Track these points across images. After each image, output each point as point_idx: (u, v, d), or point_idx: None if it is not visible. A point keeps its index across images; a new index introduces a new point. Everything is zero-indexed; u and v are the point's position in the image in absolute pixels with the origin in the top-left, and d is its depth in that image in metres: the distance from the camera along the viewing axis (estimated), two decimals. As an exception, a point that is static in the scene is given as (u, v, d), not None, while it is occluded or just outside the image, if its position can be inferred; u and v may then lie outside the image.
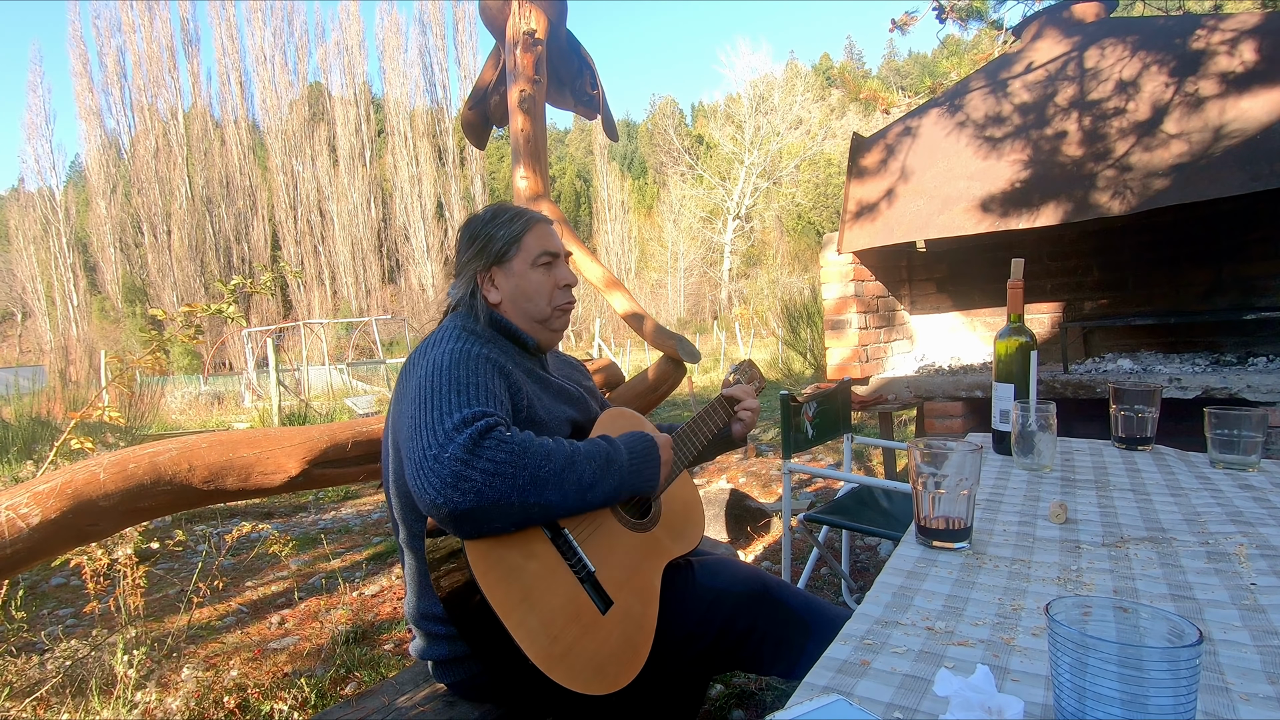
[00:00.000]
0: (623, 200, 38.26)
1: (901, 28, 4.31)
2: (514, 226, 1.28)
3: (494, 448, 0.96)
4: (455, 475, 0.93)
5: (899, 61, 49.76)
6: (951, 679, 0.57)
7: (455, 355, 1.10)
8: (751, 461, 4.84)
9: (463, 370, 1.07)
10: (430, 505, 0.94)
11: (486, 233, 1.28)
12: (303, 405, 9.78)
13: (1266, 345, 2.89)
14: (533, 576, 1.00)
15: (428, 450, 0.96)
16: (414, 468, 0.96)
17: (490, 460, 0.95)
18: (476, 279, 1.28)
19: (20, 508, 1.24)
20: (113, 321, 31.38)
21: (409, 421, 1.02)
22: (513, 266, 1.28)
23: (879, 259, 3.62)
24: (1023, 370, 1.35)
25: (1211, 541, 0.89)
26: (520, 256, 1.28)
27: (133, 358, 2.44)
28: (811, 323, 9.78)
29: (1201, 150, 2.51)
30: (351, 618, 2.61)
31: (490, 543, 0.99)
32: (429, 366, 1.09)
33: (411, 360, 1.16)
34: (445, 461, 0.94)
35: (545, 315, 1.30)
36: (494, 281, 1.28)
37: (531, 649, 0.95)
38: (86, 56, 31.36)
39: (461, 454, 0.94)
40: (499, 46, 2.64)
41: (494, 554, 0.98)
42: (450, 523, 0.95)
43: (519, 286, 1.28)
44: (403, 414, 1.06)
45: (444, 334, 1.18)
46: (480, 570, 0.96)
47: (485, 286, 1.28)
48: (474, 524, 0.96)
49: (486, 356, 1.12)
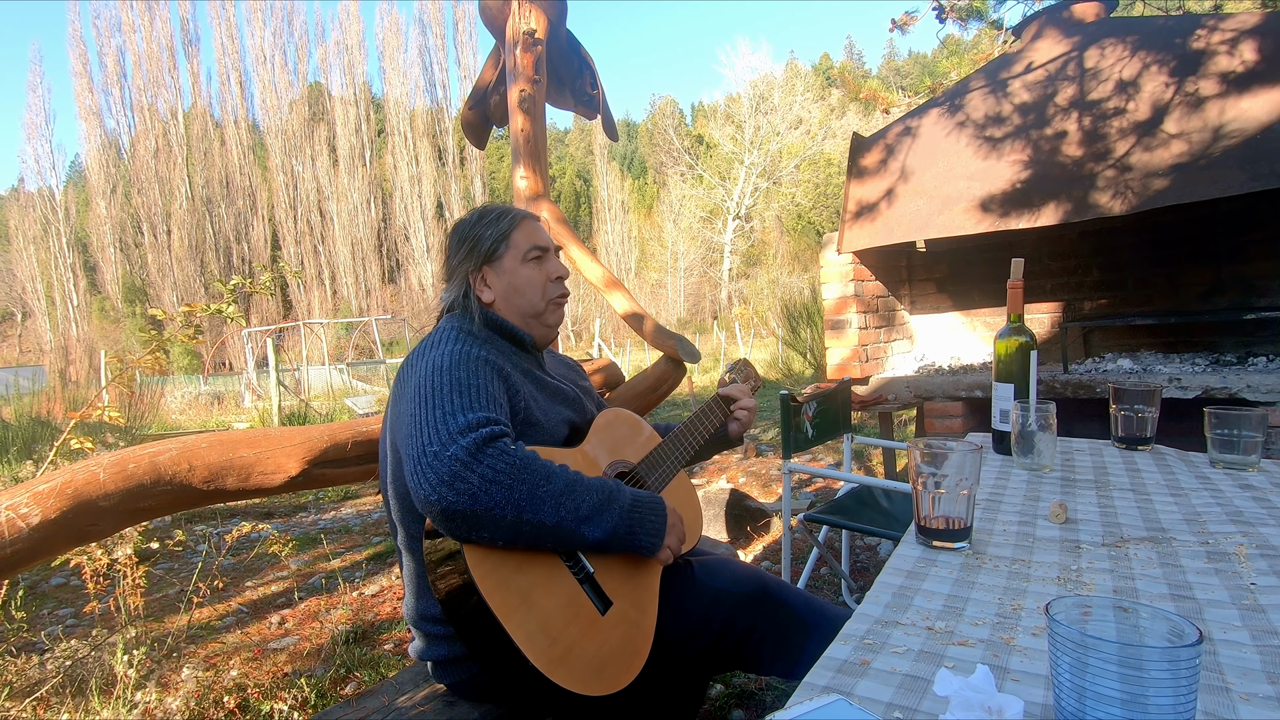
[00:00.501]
0: (623, 200, 38.26)
1: (901, 28, 4.31)
2: (501, 225, 1.29)
3: (496, 456, 0.96)
4: (453, 474, 0.94)
5: (899, 61, 49.75)
6: (951, 679, 0.57)
7: (455, 357, 1.10)
8: (751, 461, 4.84)
9: (463, 372, 1.07)
10: (424, 501, 0.95)
11: (474, 234, 1.29)
12: (303, 405, 9.78)
13: (1266, 345, 2.89)
14: (532, 578, 1.00)
15: (428, 446, 0.96)
16: (413, 463, 0.97)
17: (490, 468, 0.95)
18: (469, 280, 1.28)
19: (20, 508, 1.24)
20: (113, 321, 31.39)
21: (408, 420, 1.02)
22: (503, 264, 1.28)
23: (879, 259, 3.62)
24: (1023, 370, 1.35)
25: (1211, 541, 0.89)
26: (510, 253, 1.28)
27: (133, 358, 2.44)
28: (811, 323, 9.78)
29: (1201, 150, 2.51)
30: (351, 618, 2.61)
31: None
32: (429, 367, 1.08)
33: (409, 362, 1.16)
34: (445, 460, 0.94)
35: (539, 310, 1.30)
36: (486, 281, 1.29)
37: (531, 650, 0.95)
38: (86, 56, 31.42)
39: (463, 455, 0.95)
40: (499, 46, 2.64)
41: (493, 556, 0.98)
42: (441, 520, 0.96)
43: (511, 283, 1.28)
44: (401, 414, 1.06)
45: (441, 336, 1.18)
46: (479, 573, 0.96)
47: (478, 286, 1.29)
48: (465, 526, 0.96)
49: (485, 359, 1.12)
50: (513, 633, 0.94)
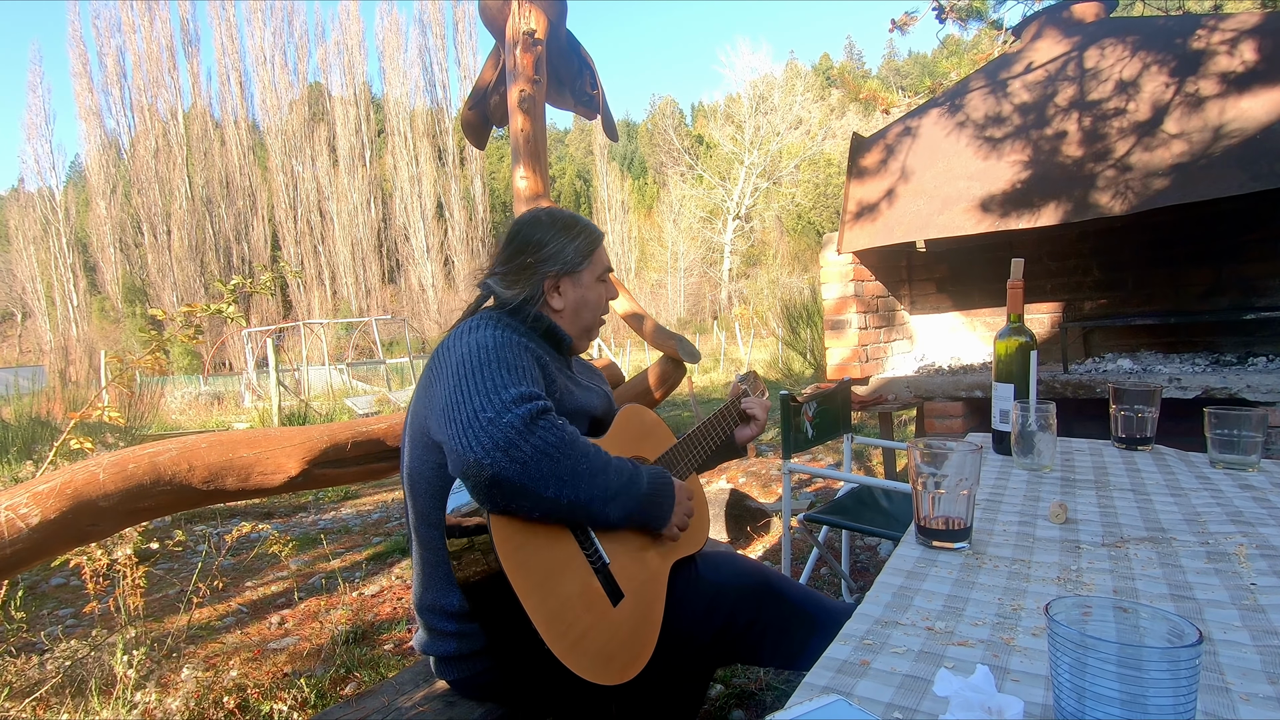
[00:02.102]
0: (623, 200, 38.27)
1: (901, 28, 4.31)
2: (589, 240, 1.32)
3: (548, 429, 0.98)
4: (509, 441, 0.94)
5: (899, 61, 49.75)
6: (951, 679, 0.57)
7: (499, 339, 1.10)
8: (751, 461, 4.84)
9: (509, 353, 1.08)
10: (474, 464, 0.94)
11: (560, 241, 1.29)
12: (303, 405, 9.78)
13: (1266, 345, 2.89)
14: (551, 563, 1.02)
15: (482, 412, 0.97)
16: (460, 428, 0.96)
17: (543, 439, 0.97)
18: (544, 285, 1.28)
19: (20, 508, 1.24)
20: (113, 321, 31.39)
21: (452, 389, 1.02)
22: (582, 278, 1.31)
23: (879, 259, 3.62)
24: (1023, 370, 1.35)
25: (1211, 541, 0.89)
26: (589, 270, 1.32)
27: (132, 358, 2.44)
28: (811, 323, 9.78)
29: (1201, 150, 2.51)
30: (351, 618, 2.61)
31: (513, 524, 1.00)
32: (473, 344, 1.09)
33: (446, 345, 1.14)
34: (502, 426, 0.95)
35: (592, 325, 1.36)
36: (560, 290, 1.30)
37: (548, 633, 0.96)
38: (86, 56, 31.42)
39: (519, 424, 0.96)
40: (499, 46, 2.64)
41: (516, 537, 1.00)
42: (485, 486, 0.95)
43: (584, 297, 1.32)
44: (438, 392, 1.06)
45: (481, 321, 1.17)
46: (504, 552, 0.97)
47: (550, 293, 1.29)
48: (507, 495, 0.96)
49: (526, 345, 1.14)
50: (531, 613, 0.95)
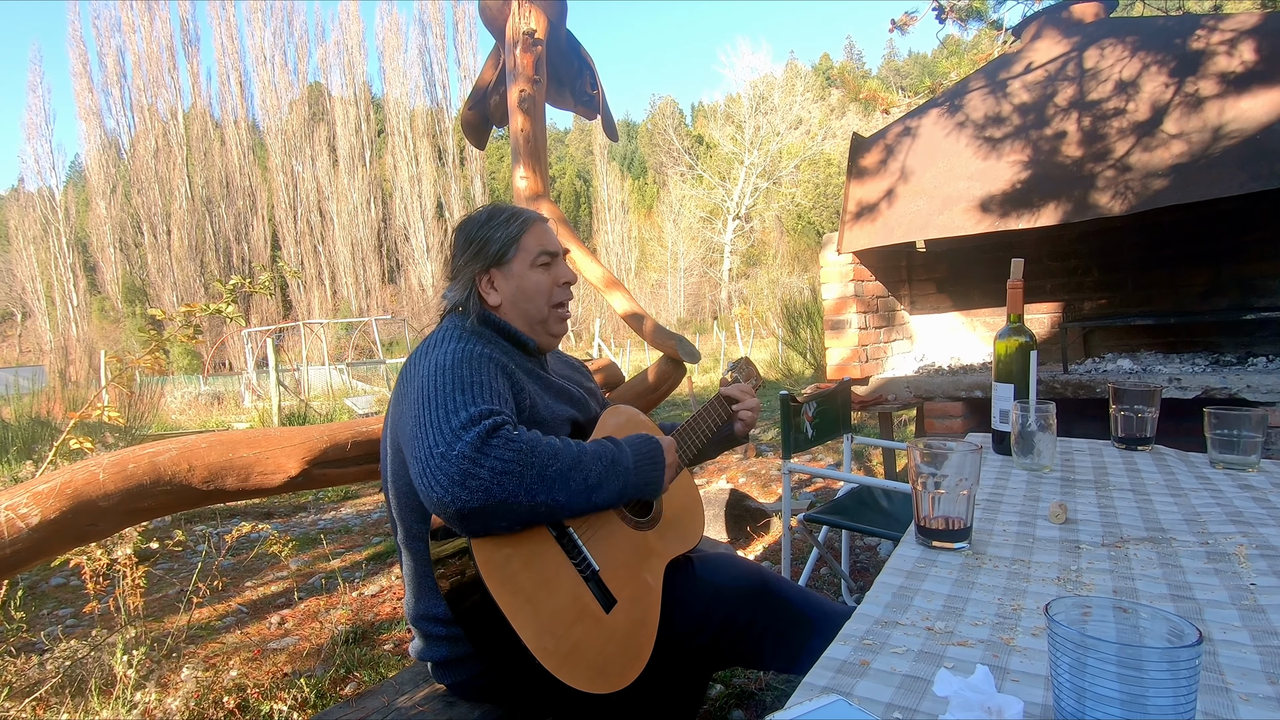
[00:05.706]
0: (622, 200, 38.23)
1: (901, 28, 4.31)
2: (511, 227, 1.27)
3: (502, 446, 0.95)
4: (463, 474, 0.92)
5: (899, 62, 49.73)
6: (951, 679, 0.57)
7: (458, 355, 1.09)
8: (751, 461, 4.83)
9: (466, 369, 1.06)
10: (437, 504, 0.93)
11: (483, 235, 1.27)
12: (303, 405, 9.77)
13: (1266, 345, 2.88)
14: (538, 575, 1.00)
15: (434, 448, 0.95)
16: (420, 466, 0.95)
17: (498, 459, 0.94)
18: (475, 281, 1.27)
19: (20, 508, 1.24)
20: (112, 321, 31.37)
21: (412, 421, 1.01)
22: (512, 268, 1.27)
23: (879, 259, 3.62)
24: (1023, 370, 1.35)
25: (1211, 541, 0.89)
26: (519, 258, 1.27)
27: (132, 358, 2.43)
28: (811, 323, 9.78)
29: (1201, 150, 2.51)
30: (351, 618, 2.61)
31: (495, 541, 0.98)
32: (431, 366, 1.07)
33: (412, 361, 1.15)
34: (453, 459, 0.93)
35: (544, 316, 1.29)
36: (493, 284, 1.27)
37: (536, 648, 0.95)
38: (86, 56, 31.38)
39: (470, 452, 0.93)
40: (499, 46, 2.64)
41: (500, 553, 0.98)
42: (457, 521, 0.95)
43: (519, 288, 1.27)
44: (404, 414, 1.05)
45: (444, 334, 1.17)
46: (487, 570, 0.96)
47: (484, 289, 1.27)
48: (481, 522, 0.95)
49: (489, 356, 1.11)
50: (519, 630, 0.94)
